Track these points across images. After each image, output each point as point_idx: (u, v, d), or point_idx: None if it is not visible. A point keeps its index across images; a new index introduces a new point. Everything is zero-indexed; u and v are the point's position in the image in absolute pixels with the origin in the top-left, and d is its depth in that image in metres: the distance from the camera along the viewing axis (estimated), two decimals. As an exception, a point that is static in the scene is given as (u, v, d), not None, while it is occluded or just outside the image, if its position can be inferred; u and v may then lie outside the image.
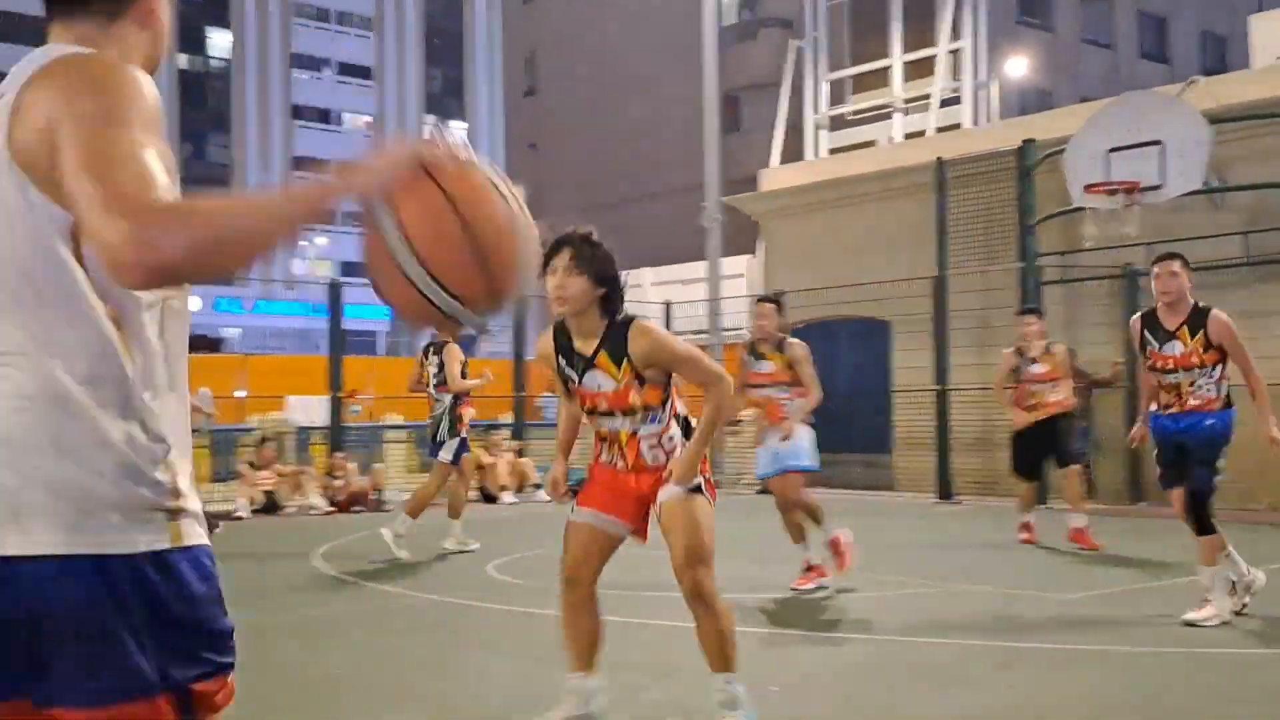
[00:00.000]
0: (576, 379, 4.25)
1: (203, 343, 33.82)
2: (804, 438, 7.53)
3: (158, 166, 1.60)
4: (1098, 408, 14.42)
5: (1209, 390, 6.31)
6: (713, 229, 18.71)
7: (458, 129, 72.56)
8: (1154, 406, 6.52)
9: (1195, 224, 13.19)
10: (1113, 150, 12.39)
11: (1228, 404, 6.36)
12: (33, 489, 1.67)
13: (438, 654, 5.99)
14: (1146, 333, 6.43)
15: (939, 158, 15.26)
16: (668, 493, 4.22)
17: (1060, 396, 9.95)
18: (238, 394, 18.62)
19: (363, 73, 65.23)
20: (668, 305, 19.26)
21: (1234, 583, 6.38)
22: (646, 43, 35.07)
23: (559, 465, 4.64)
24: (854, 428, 16.45)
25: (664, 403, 4.27)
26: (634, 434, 4.27)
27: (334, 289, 16.03)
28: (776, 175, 20.03)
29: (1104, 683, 5.21)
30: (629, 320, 4.18)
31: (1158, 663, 5.63)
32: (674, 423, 4.33)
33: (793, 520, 7.58)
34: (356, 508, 13.97)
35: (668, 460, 4.27)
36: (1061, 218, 13.52)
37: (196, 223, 1.54)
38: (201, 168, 56.04)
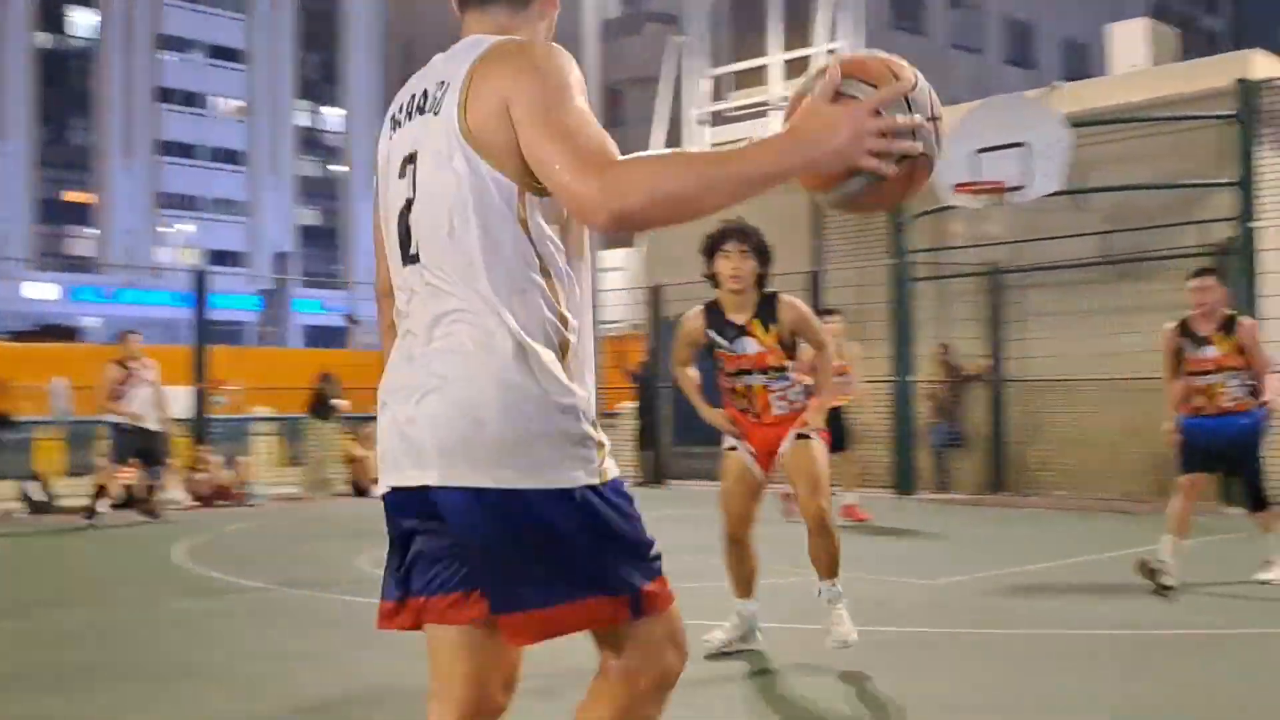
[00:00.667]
0: (728, 344, 5.24)
1: (59, 332, 32.53)
2: None
3: (602, 130, 1.90)
4: (964, 402, 14.79)
5: (1239, 391, 6.99)
6: (592, 221, 18.68)
7: (333, 116, 71.21)
8: (1184, 410, 7.17)
9: (1058, 224, 13.62)
10: (980, 151, 12.71)
11: (1259, 404, 7.07)
12: (480, 431, 1.94)
13: (310, 649, 5.85)
14: (1184, 340, 7.09)
15: (815, 155, 15.49)
16: (788, 442, 5.28)
17: (845, 391, 11.02)
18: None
19: (233, 56, 63.47)
20: (546, 297, 19.19)
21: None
22: (527, 34, 34.82)
23: (717, 414, 5.46)
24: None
25: (791, 364, 5.30)
26: (766, 388, 5.29)
27: (200, 277, 15.57)
28: (656, 169, 20.08)
29: (982, 666, 5.33)
30: (774, 294, 5.24)
31: (1023, 643, 5.79)
32: (798, 382, 5.34)
33: None
34: (221, 502, 13.60)
35: (790, 411, 5.30)
36: (932, 216, 13.83)
37: (657, 178, 1.82)
38: (61, 151, 53.97)
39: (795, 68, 21.68)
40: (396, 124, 2.13)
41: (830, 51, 21.09)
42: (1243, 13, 75.92)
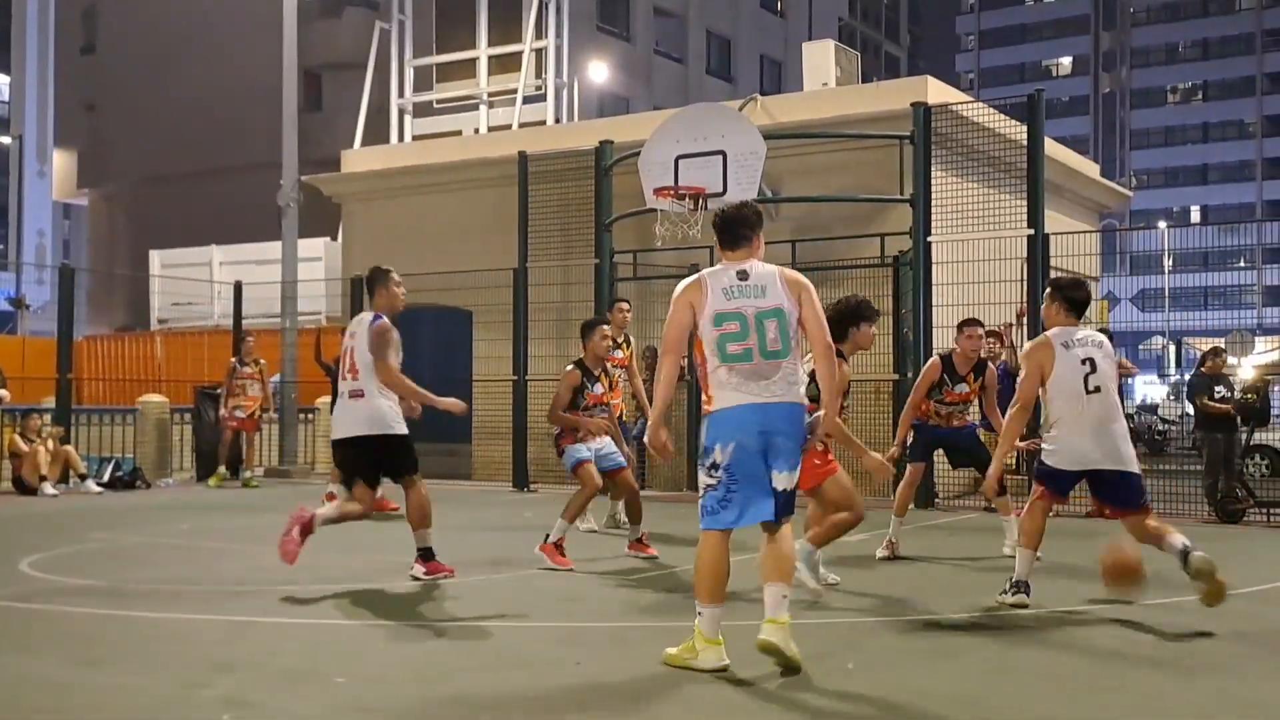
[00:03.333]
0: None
1: None
2: None
3: None
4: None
5: (967, 414, 8.91)
6: (289, 208, 18.00)
7: (0, 83, 65.61)
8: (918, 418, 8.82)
9: (753, 230, 14.17)
10: (681, 157, 13.08)
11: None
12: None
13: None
14: (945, 374, 8.64)
15: (521, 152, 15.49)
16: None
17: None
18: None
19: (-116, 10, 57.55)
20: (239, 286, 18.33)
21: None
22: (223, 9, 33.19)
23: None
24: (434, 417, 16.33)
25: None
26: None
27: None
28: (359, 158, 19.58)
29: (658, 655, 5.43)
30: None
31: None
32: None
33: None
34: None
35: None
36: (636, 217, 14.11)
37: None
38: None
39: (502, 63, 21.66)
40: None
41: (536, 50, 21.20)
42: (920, 41, 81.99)
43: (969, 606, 6.63)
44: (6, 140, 56.23)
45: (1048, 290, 6.91)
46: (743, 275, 5.06)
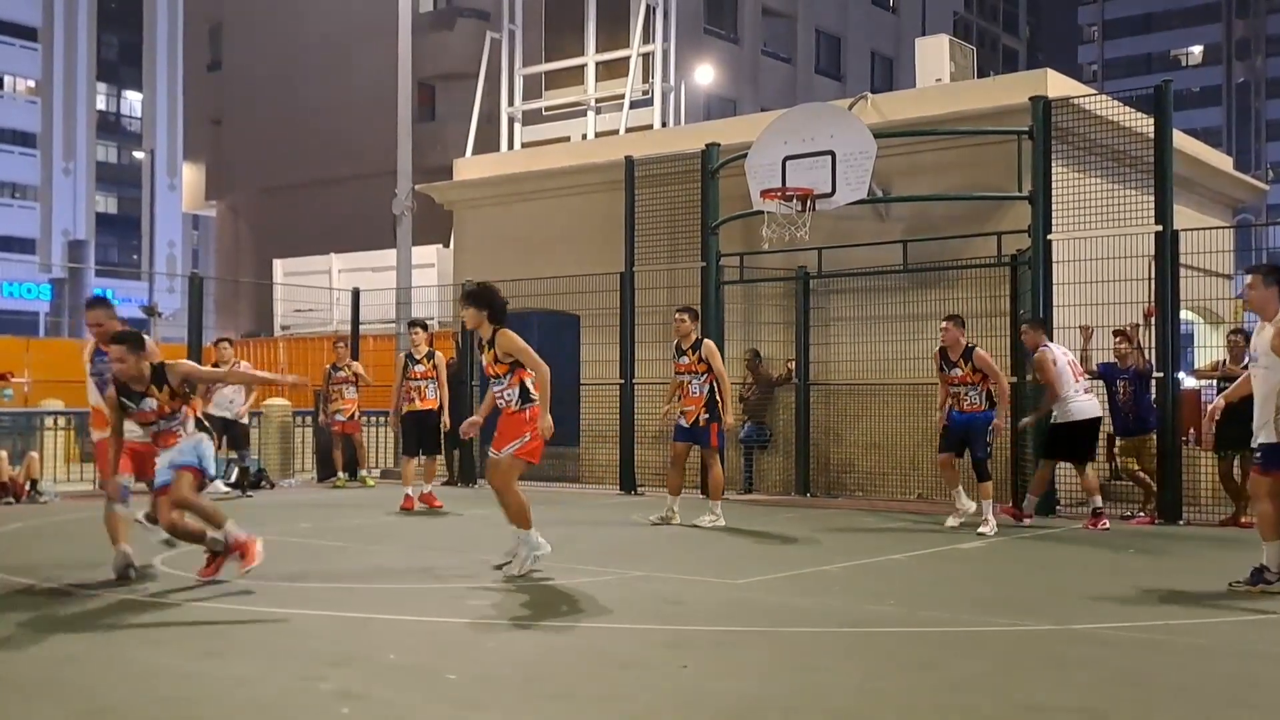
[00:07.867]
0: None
1: None
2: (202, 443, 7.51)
3: None
4: (772, 404, 15.07)
5: (974, 399, 10.61)
6: (404, 216, 18.42)
7: (133, 99, 68.18)
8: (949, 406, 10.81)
9: (862, 231, 14.06)
10: (789, 158, 13.00)
11: (991, 406, 10.57)
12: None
13: (93, 649, 5.59)
14: (943, 362, 10.78)
15: (628, 156, 15.60)
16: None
17: (433, 396, 12.58)
18: None
19: (28, 34, 60.33)
20: (356, 292, 18.80)
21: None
22: (341, 24, 34.10)
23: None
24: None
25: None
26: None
27: (-16, 263, 14.66)
28: (470, 165, 19.93)
29: (767, 659, 5.47)
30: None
31: (815, 641, 5.97)
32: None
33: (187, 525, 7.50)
34: (6, 499, 12.87)
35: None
36: (742, 220, 14.10)
37: None
38: None
39: (610, 69, 21.85)
40: None
41: (643, 55, 21.36)
42: (1039, 34, 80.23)
43: (1096, 617, 6.51)
44: (140, 155, 58.46)
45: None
46: None
